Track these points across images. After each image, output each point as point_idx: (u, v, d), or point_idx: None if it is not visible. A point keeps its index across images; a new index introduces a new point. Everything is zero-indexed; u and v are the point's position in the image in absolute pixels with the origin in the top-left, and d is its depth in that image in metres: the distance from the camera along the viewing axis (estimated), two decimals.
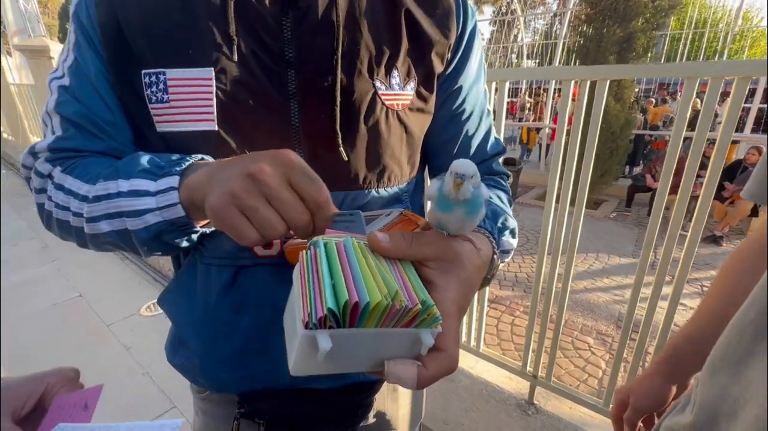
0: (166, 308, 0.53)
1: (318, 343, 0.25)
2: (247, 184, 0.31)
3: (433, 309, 0.28)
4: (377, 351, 0.29)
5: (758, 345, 0.32)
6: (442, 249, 0.34)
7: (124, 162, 0.41)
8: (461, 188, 0.31)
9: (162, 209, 0.38)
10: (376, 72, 0.46)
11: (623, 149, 5.77)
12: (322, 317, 0.25)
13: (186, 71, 0.42)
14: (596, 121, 1.05)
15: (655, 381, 0.56)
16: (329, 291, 0.26)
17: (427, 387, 0.70)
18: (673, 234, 1.06)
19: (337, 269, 0.28)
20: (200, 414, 0.63)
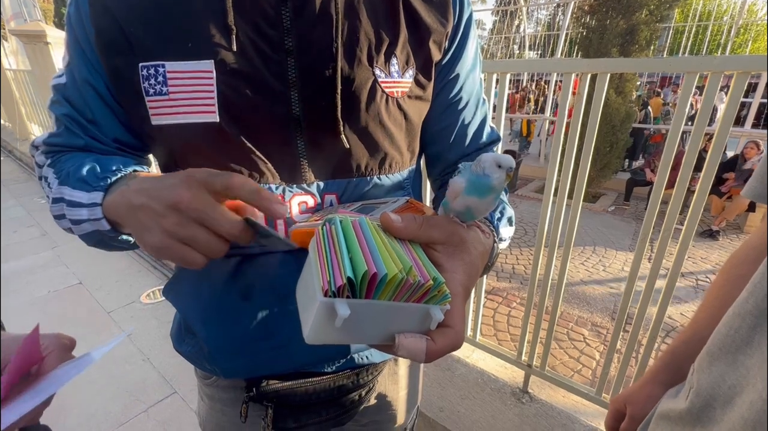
0: (172, 298, 0.54)
1: (336, 310, 0.26)
2: (177, 216, 0.32)
3: (443, 287, 0.30)
4: (389, 325, 0.30)
5: (757, 334, 0.33)
6: (450, 234, 0.36)
7: (74, 167, 0.43)
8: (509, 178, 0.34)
9: (92, 221, 0.41)
10: (376, 60, 0.46)
11: (623, 143, 5.77)
12: (342, 285, 0.27)
13: (186, 64, 0.42)
14: (596, 114, 1.05)
15: (655, 389, 0.54)
16: (347, 262, 0.28)
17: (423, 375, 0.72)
18: (668, 228, 1.07)
19: (354, 243, 0.30)
20: (206, 399, 0.64)
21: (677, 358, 0.53)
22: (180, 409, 1.67)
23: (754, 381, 0.32)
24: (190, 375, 2.01)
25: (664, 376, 0.54)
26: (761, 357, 0.32)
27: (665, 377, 0.54)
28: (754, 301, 0.33)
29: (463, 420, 1.33)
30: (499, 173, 0.34)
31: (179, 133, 0.44)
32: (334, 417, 0.58)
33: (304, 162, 0.47)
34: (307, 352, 0.52)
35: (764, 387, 0.30)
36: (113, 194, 0.39)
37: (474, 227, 0.40)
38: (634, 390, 0.56)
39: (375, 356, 0.57)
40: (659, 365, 0.55)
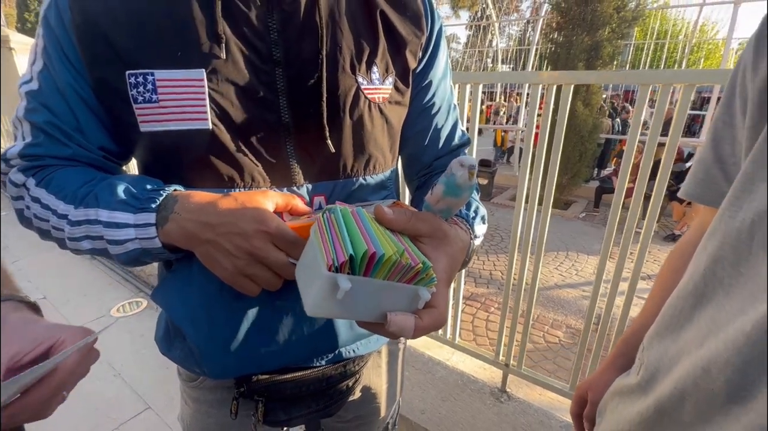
0: (161, 301, 0.54)
1: (339, 283, 0.29)
2: (249, 260, 0.40)
3: (430, 271, 0.33)
4: (382, 303, 0.33)
5: (695, 312, 0.37)
6: (435, 228, 0.40)
7: (101, 189, 0.44)
8: (473, 177, 0.39)
9: (141, 240, 0.42)
10: (358, 68, 0.49)
11: (591, 152, 6.05)
12: (344, 261, 0.30)
13: (176, 72, 0.42)
14: (562, 122, 1.12)
15: (612, 374, 0.57)
16: (349, 243, 0.31)
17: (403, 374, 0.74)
18: (628, 234, 1.14)
19: (353, 228, 0.33)
20: (190, 402, 0.63)
21: (629, 346, 0.57)
22: (154, 425, 1.62)
23: (689, 350, 0.36)
24: (164, 389, 1.93)
25: (619, 362, 0.58)
26: (697, 332, 0.36)
27: (621, 362, 0.58)
28: (693, 283, 0.38)
29: (444, 421, 1.36)
30: (462, 171, 0.38)
31: (170, 139, 0.44)
32: (323, 408, 0.59)
33: (294, 165, 0.49)
34: (297, 348, 0.53)
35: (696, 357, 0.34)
36: (168, 222, 0.41)
37: (454, 224, 0.44)
38: (594, 378, 0.60)
39: (361, 349, 0.59)
40: (615, 353, 0.60)
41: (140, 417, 1.65)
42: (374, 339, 0.60)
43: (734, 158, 0.41)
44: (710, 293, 0.35)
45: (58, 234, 0.46)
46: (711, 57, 13.42)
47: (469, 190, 0.39)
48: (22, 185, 0.46)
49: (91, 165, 0.48)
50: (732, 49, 6.76)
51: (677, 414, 0.36)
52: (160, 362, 1.95)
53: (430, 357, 1.63)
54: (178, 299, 0.51)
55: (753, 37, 0.37)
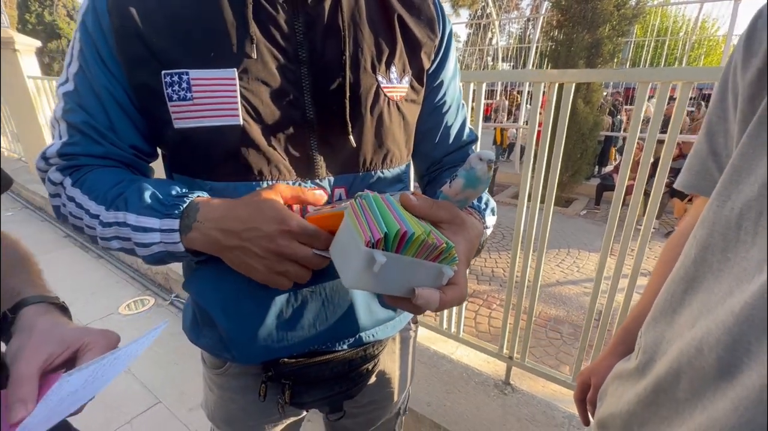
0: (193, 290, 0.56)
1: (375, 257, 0.33)
2: (276, 258, 0.43)
3: (453, 251, 0.37)
4: (410, 279, 0.36)
5: (687, 296, 0.40)
6: (454, 215, 0.43)
7: (131, 193, 0.46)
8: (490, 170, 0.43)
9: (166, 244, 0.46)
10: (378, 68, 0.52)
11: (592, 150, 6.06)
12: (380, 238, 0.33)
13: (209, 72, 0.45)
14: (564, 120, 1.15)
15: (614, 360, 0.59)
16: (382, 223, 0.34)
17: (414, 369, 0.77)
18: (628, 231, 1.17)
19: (385, 211, 0.36)
20: (215, 389, 0.66)
21: (629, 333, 0.60)
22: (165, 419, 1.65)
23: (683, 332, 0.38)
24: (173, 383, 1.97)
25: (620, 348, 0.61)
26: (689, 315, 0.38)
27: (621, 349, 0.60)
28: (684, 268, 0.40)
29: (449, 413, 1.39)
30: (481, 165, 0.42)
31: (202, 135, 0.47)
32: (345, 391, 0.62)
33: (317, 159, 0.52)
34: (321, 333, 0.57)
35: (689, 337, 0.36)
36: (192, 230, 0.44)
37: (469, 214, 0.48)
38: (596, 364, 0.63)
39: (379, 333, 0.62)
40: (616, 340, 0.63)
41: (151, 411, 1.68)
42: (391, 324, 0.63)
43: (727, 150, 0.43)
44: (701, 278, 0.38)
45: (90, 232, 0.49)
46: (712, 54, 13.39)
47: (486, 182, 0.43)
48: (59, 184, 0.49)
49: (122, 163, 0.51)
50: (732, 45, 6.76)
51: (672, 391, 0.38)
52: (170, 358, 1.99)
53: (435, 350, 1.66)
54: (209, 289, 0.54)
55: (743, 34, 0.39)
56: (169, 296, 2.50)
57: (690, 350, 0.35)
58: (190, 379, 1.84)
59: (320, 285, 0.55)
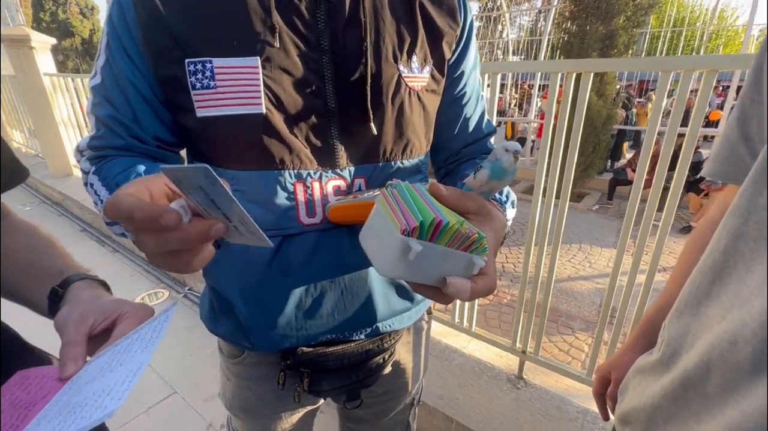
0: (214, 278, 0.57)
1: (411, 245, 0.33)
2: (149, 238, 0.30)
3: (484, 241, 0.37)
4: (442, 268, 0.36)
5: (715, 287, 0.38)
6: (481, 206, 0.43)
7: (122, 179, 0.46)
8: (517, 161, 0.42)
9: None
10: (400, 57, 0.52)
11: (605, 144, 5.96)
12: (416, 226, 0.33)
13: (233, 60, 0.45)
14: (581, 112, 1.13)
15: (635, 354, 0.58)
16: (417, 212, 0.34)
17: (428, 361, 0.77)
18: (646, 225, 1.14)
19: (418, 199, 0.36)
20: (233, 378, 0.67)
21: (652, 324, 0.59)
22: (181, 408, 1.68)
23: (711, 325, 0.37)
24: (189, 375, 2.00)
25: (642, 341, 0.60)
26: (719, 307, 0.37)
27: (643, 342, 0.59)
28: (713, 259, 0.39)
29: (461, 406, 1.39)
30: (507, 156, 0.42)
31: (225, 123, 0.47)
32: (362, 379, 0.63)
33: (338, 149, 0.52)
34: (339, 322, 0.57)
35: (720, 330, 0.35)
36: None
37: (493, 205, 0.48)
38: (616, 358, 0.62)
39: (395, 324, 0.62)
40: (637, 333, 0.61)
41: (167, 401, 1.72)
42: (407, 315, 0.63)
43: (761, 135, 0.42)
44: (731, 269, 0.36)
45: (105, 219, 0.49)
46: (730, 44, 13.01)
47: (512, 173, 0.43)
48: (88, 173, 0.51)
49: (145, 155, 0.51)
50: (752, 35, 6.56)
51: (702, 386, 0.37)
52: (185, 349, 2.02)
53: (447, 344, 1.66)
54: (229, 276, 0.55)
55: None
56: (183, 289, 2.54)
57: (722, 343, 0.34)
58: (205, 371, 1.88)
59: (339, 275, 0.55)
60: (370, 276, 0.57)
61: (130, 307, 0.43)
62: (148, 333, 0.40)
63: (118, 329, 0.41)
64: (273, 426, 0.70)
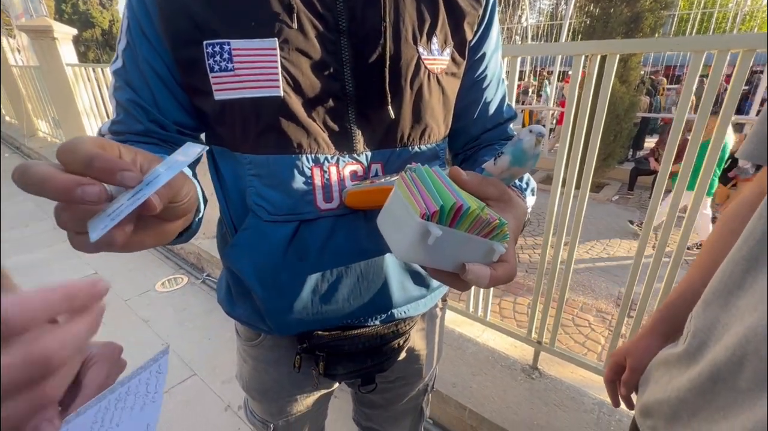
0: (231, 262, 0.57)
1: (430, 230, 0.32)
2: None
3: (505, 227, 0.36)
4: (461, 254, 0.35)
5: (749, 277, 0.36)
6: (502, 192, 0.42)
7: None
8: (540, 144, 0.40)
9: None
10: (419, 39, 0.50)
11: (627, 132, 5.76)
12: (436, 211, 0.32)
13: (250, 42, 0.45)
14: (605, 98, 1.08)
15: (653, 340, 0.57)
16: (438, 196, 0.34)
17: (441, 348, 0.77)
18: (671, 217, 1.10)
19: (438, 184, 0.35)
20: (249, 361, 0.68)
21: (673, 310, 0.56)
22: (200, 390, 1.74)
23: (743, 317, 0.36)
24: (207, 357, 2.06)
25: (661, 327, 0.57)
26: (751, 298, 0.35)
27: (662, 328, 0.57)
28: (748, 248, 0.37)
29: (475, 395, 1.39)
30: (529, 137, 0.40)
31: (243, 106, 0.47)
32: (377, 364, 0.63)
33: (356, 133, 0.51)
34: (355, 307, 0.57)
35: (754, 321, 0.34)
36: None
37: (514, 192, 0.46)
38: (632, 343, 0.59)
39: (410, 310, 0.62)
40: (656, 318, 0.59)
41: (187, 383, 1.77)
42: (422, 302, 0.63)
43: None
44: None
45: None
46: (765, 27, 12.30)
47: (534, 158, 0.41)
48: None
49: (164, 141, 0.51)
50: None
51: (733, 380, 0.35)
52: (203, 333, 2.08)
53: (461, 333, 1.66)
54: (247, 260, 0.55)
55: None
56: (201, 275, 2.60)
57: (757, 336, 0.33)
58: (223, 354, 1.93)
59: (355, 262, 0.55)
60: (386, 262, 0.57)
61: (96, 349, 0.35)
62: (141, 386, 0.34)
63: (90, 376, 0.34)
64: (289, 408, 0.71)
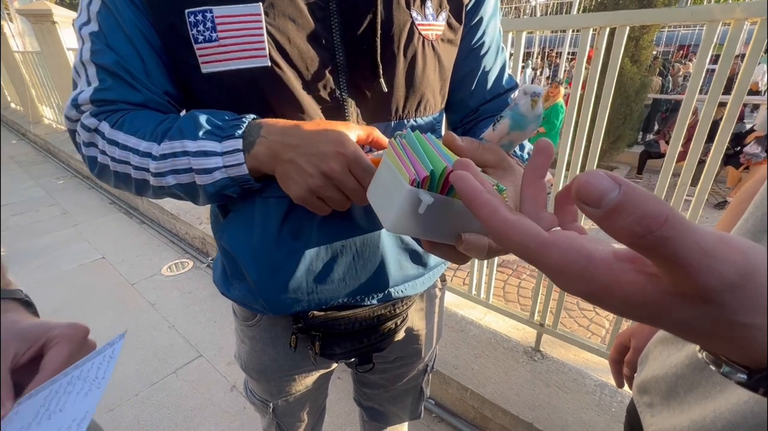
0: (225, 240, 0.55)
1: (421, 197, 0.30)
2: (324, 181, 0.41)
3: (504, 194, 0.33)
4: (456, 223, 0.33)
5: None
6: (501, 159, 0.39)
7: (183, 122, 0.44)
8: (537, 104, 0.38)
9: (228, 168, 0.44)
10: (413, 3, 0.48)
11: (637, 114, 5.63)
12: (426, 177, 0.30)
13: (234, 8, 0.42)
14: (612, 75, 1.04)
15: None
16: (428, 161, 0.31)
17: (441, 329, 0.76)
18: (678, 200, 1.07)
19: (429, 149, 0.33)
20: (247, 341, 0.68)
21: None
22: (206, 370, 1.77)
23: None
24: (213, 339, 2.09)
25: None
26: None
27: None
28: (753, 220, 0.36)
29: (477, 376, 1.40)
30: (525, 99, 0.38)
31: (230, 79, 0.45)
32: (374, 343, 0.62)
33: (348, 106, 0.49)
34: (351, 287, 0.56)
35: None
36: (256, 145, 0.43)
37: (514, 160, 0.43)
38: (638, 325, 0.58)
39: (408, 290, 0.61)
40: None
41: (193, 364, 1.81)
42: (420, 281, 0.62)
43: None
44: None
45: (139, 174, 0.46)
46: None
47: (536, 121, 0.39)
48: (94, 130, 0.46)
49: (158, 111, 0.48)
50: None
51: None
52: (209, 316, 2.10)
53: (463, 316, 1.66)
54: (240, 239, 0.54)
55: None
56: (206, 259, 2.62)
57: None
58: (228, 336, 1.95)
59: (351, 239, 0.54)
60: (383, 240, 0.55)
61: (58, 329, 0.37)
62: (92, 371, 0.35)
63: (49, 356, 0.35)
64: (287, 387, 0.71)
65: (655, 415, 0.45)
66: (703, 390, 0.38)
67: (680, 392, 0.41)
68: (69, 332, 0.38)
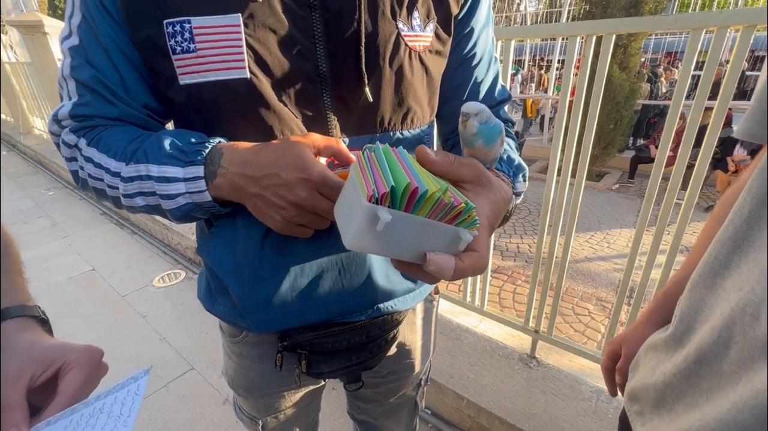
0: (207, 255, 0.54)
1: (379, 215, 0.29)
2: (296, 210, 0.40)
3: (473, 212, 0.32)
4: (422, 242, 0.32)
5: (735, 257, 0.35)
6: (478, 174, 0.38)
7: (149, 144, 0.44)
8: (467, 124, 0.38)
9: (192, 194, 0.43)
10: (399, 13, 0.47)
11: (627, 120, 5.71)
12: (385, 193, 0.29)
13: (212, 19, 0.41)
14: (600, 80, 1.05)
15: (648, 328, 0.55)
16: (390, 177, 0.30)
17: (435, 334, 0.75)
18: (668, 205, 1.08)
19: (395, 164, 0.32)
20: (234, 357, 0.66)
21: (669, 298, 0.55)
22: (198, 383, 1.74)
23: (728, 297, 0.34)
24: (205, 352, 2.05)
25: (656, 315, 0.56)
26: (738, 278, 0.34)
27: (658, 316, 0.56)
28: (733, 227, 0.35)
29: (472, 384, 1.38)
30: (460, 120, 0.39)
31: (209, 91, 0.44)
32: (363, 361, 0.61)
33: (331, 118, 0.48)
34: (338, 303, 0.54)
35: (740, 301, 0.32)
36: (217, 176, 0.42)
37: (497, 175, 0.43)
38: (629, 332, 0.58)
39: (398, 305, 0.59)
40: (653, 306, 0.57)
41: (185, 377, 1.77)
42: (411, 296, 0.60)
43: None
44: (753, 237, 0.33)
45: (113, 193, 0.46)
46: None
47: (479, 138, 0.38)
48: (74, 146, 0.46)
49: (136, 125, 0.48)
50: None
51: (718, 363, 0.35)
52: (201, 327, 2.07)
53: (458, 323, 1.65)
54: (222, 254, 0.52)
55: None
56: (199, 269, 2.60)
57: (744, 317, 0.32)
58: (220, 349, 1.92)
59: (336, 254, 0.52)
60: (370, 255, 0.54)
61: (75, 353, 0.37)
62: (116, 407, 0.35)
63: (66, 381, 0.36)
64: (277, 404, 0.69)
65: (645, 424, 0.45)
66: (691, 399, 0.38)
67: (668, 401, 0.41)
68: (85, 356, 0.38)
